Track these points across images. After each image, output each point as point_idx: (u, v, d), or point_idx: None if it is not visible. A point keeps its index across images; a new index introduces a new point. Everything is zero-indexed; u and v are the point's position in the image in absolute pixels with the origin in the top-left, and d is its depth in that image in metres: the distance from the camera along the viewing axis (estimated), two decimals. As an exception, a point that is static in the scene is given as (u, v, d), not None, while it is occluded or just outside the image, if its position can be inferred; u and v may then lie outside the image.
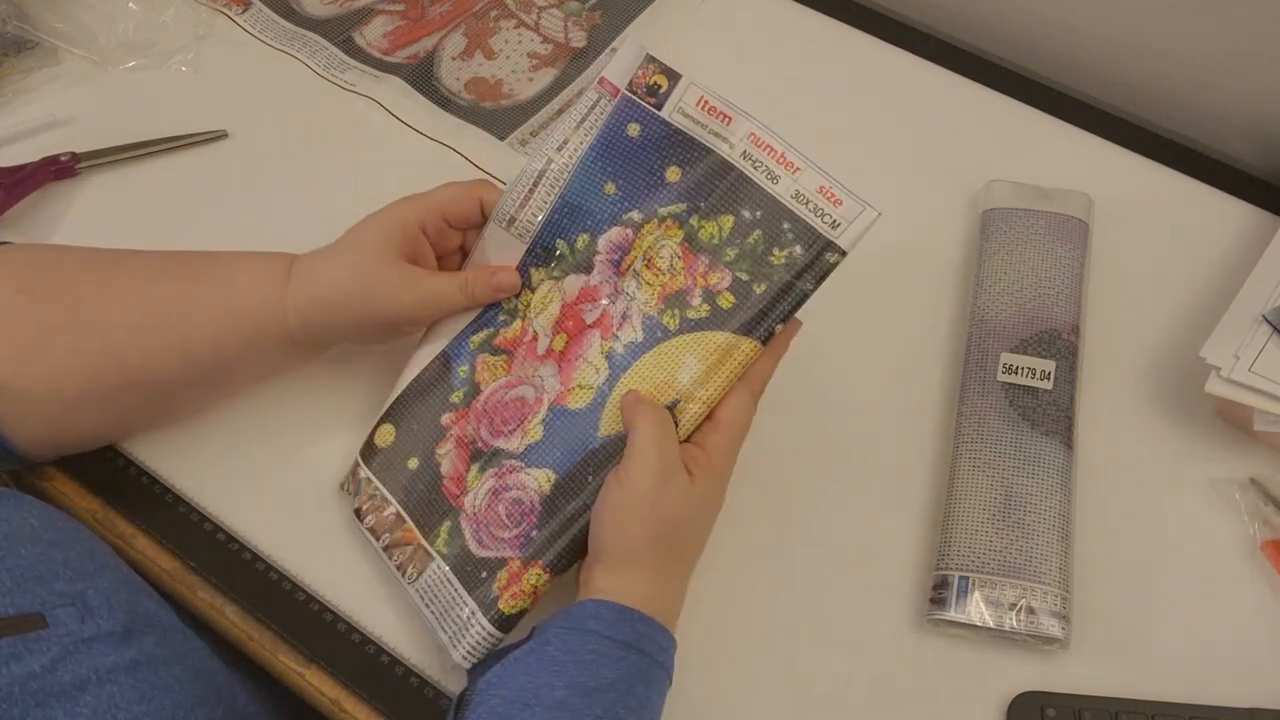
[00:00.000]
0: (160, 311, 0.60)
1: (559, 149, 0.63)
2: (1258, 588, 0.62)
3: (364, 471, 0.63)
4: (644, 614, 0.54)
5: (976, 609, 0.59)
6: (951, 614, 0.60)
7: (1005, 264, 0.71)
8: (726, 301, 0.59)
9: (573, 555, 0.58)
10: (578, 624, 0.53)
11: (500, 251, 0.64)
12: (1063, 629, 0.59)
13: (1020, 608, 0.59)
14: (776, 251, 0.58)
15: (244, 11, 0.88)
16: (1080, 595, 0.62)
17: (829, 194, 0.59)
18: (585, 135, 0.62)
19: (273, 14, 0.88)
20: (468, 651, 0.57)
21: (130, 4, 0.85)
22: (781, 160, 0.60)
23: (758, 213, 0.59)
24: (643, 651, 0.53)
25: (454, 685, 0.60)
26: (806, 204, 0.59)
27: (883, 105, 0.82)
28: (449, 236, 0.64)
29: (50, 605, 0.49)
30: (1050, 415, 0.65)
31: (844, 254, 0.58)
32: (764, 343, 0.58)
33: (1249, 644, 0.61)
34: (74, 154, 0.77)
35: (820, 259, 0.58)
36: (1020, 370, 0.66)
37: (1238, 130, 0.80)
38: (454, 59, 0.86)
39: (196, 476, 0.66)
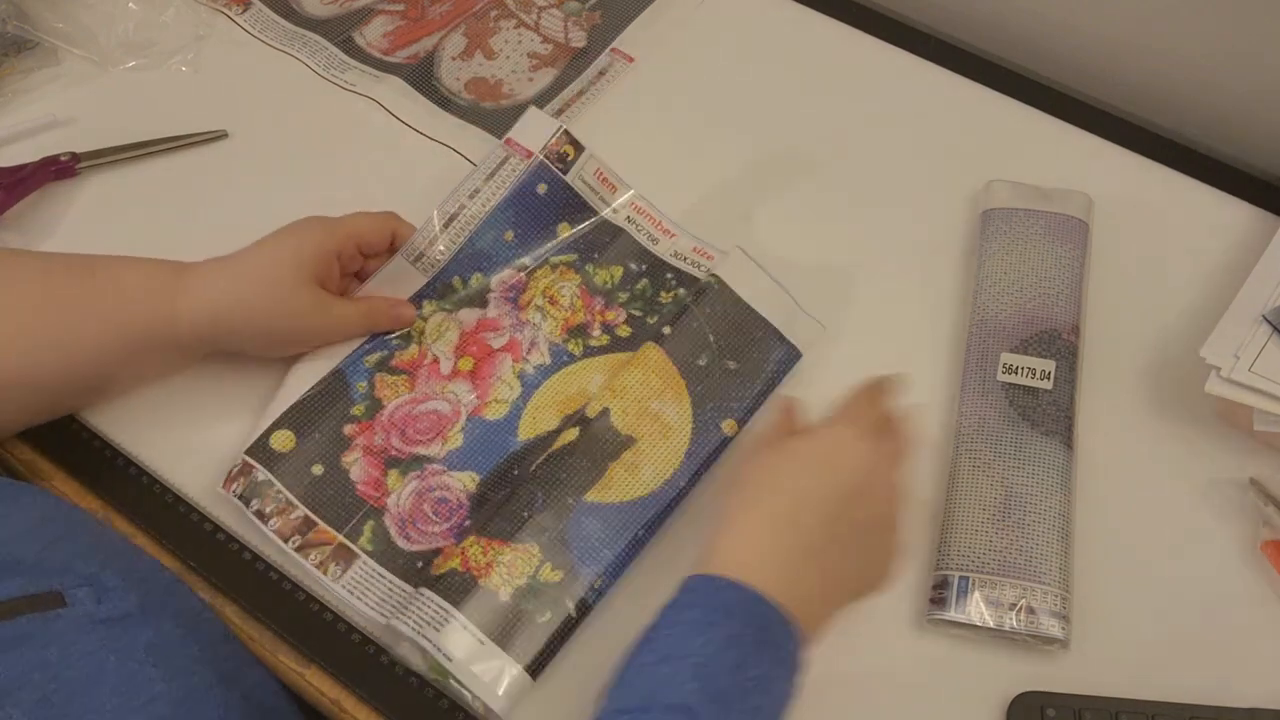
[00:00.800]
0: (44, 313, 0.61)
1: (471, 196, 0.71)
2: (1258, 588, 0.62)
3: (262, 474, 0.63)
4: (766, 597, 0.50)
5: (976, 609, 0.59)
6: (951, 614, 0.60)
7: (1005, 264, 0.71)
8: (624, 332, 0.69)
9: (505, 525, 0.61)
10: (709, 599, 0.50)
11: (400, 282, 0.70)
12: (1063, 629, 0.59)
13: (1020, 608, 0.59)
14: (664, 294, 0.71)
15: (244, 11, 0.88)
16: (1080, 595, 0.62)
17: (702, 252, 0.72)
18: (497, 188, 0.71)
19: (273, 14, 0.88)
20: (409, 620, 0.59)
21: (130, 4, 0.85)
22: (659, 226, 0.73)
23: (643, 265, 0.72)
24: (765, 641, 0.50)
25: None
26: (684, 259, 0.72)
27: (883, 105, 0.82)
28: (356, 262, 0.69)
29: (68, 585, 0.49)
30: (1050, 415, 0.65)
31: (717, 278, 0.68)
32: (659, 345, 0.66)
33: (1249, 644, 0.61)
34: (74, 154, 0.77)
35: (697, 285, 0.69)
36: (1020, 370, 0.66)
37: (1238, 130, 0.80)
38: (454, 59, 0.86)
39: (197, 476, 0.66)
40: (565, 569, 0.60)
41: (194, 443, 0.67)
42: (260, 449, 0.64)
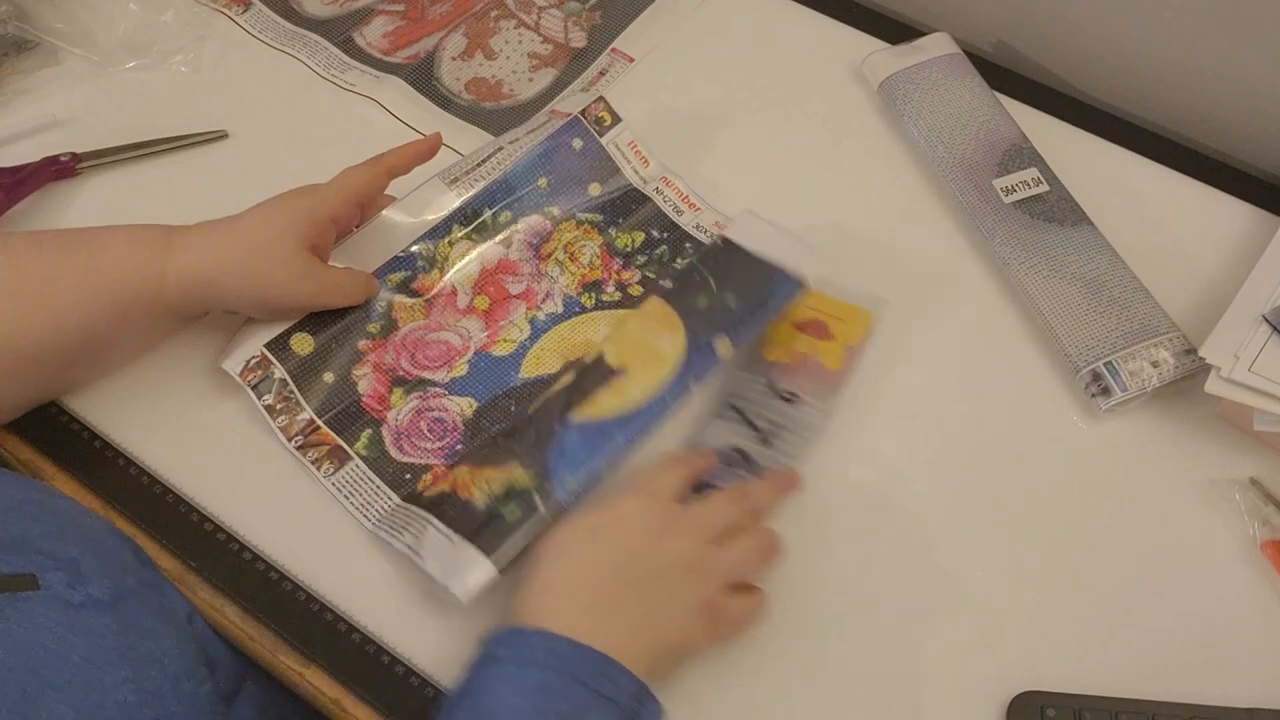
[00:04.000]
0: (30, 280, 0.61)
1: (511, 142, 0.75)
2: (1258, 588, 0.62)
3: (279, 371, 0.66)
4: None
5: (1135, 380, 0.66)
6: (1121, 395, 0.66)
7: (932, 115, 0.78)
8: (636, 291, 0.72)
9: (495, 455, 0.63)
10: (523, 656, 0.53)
11: (433, 201, 0.72)
12: (1195, 360, 0.66)
13: (1159, 362, 0.66)
14: (679, 260, 0.73)
15: (244, 12, 0.88)
16: (1080, 595, 0.62)
17: (723, 226, 0.73)
18: (534, 138, 0.75)
19: (273, 14, 0.88)
20: (391, 527, 0.62)
21: (131, 4, 0.85)
22: (685, 199, 0.76)
23: (665, 234, 0.74)
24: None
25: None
26: (704, 232, 0.74)
27: (884, 105, 0.82)
28: (355, 219, 0.70)
29: (42, 568, 0.49)
30: (1064, 208, 0.73)
31: (724, 238, 0.70)
32: (660, 296, 0.68)
33: (1249, 644, 0.61)
34: (74, 154, 0.77)
35: (710, 250, 0.70)
36: (1017, 187, 0.74)
37: (1238, 130, 0.80)
38: (454, 59, 0.86)
39: (197, 476, 0.66)
40: (540, 473, 0.61)
41: (195, 442, 0.67)
42: (279, 346, 0.66)
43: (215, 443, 0.67)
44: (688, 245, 0.73)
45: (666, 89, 0.84)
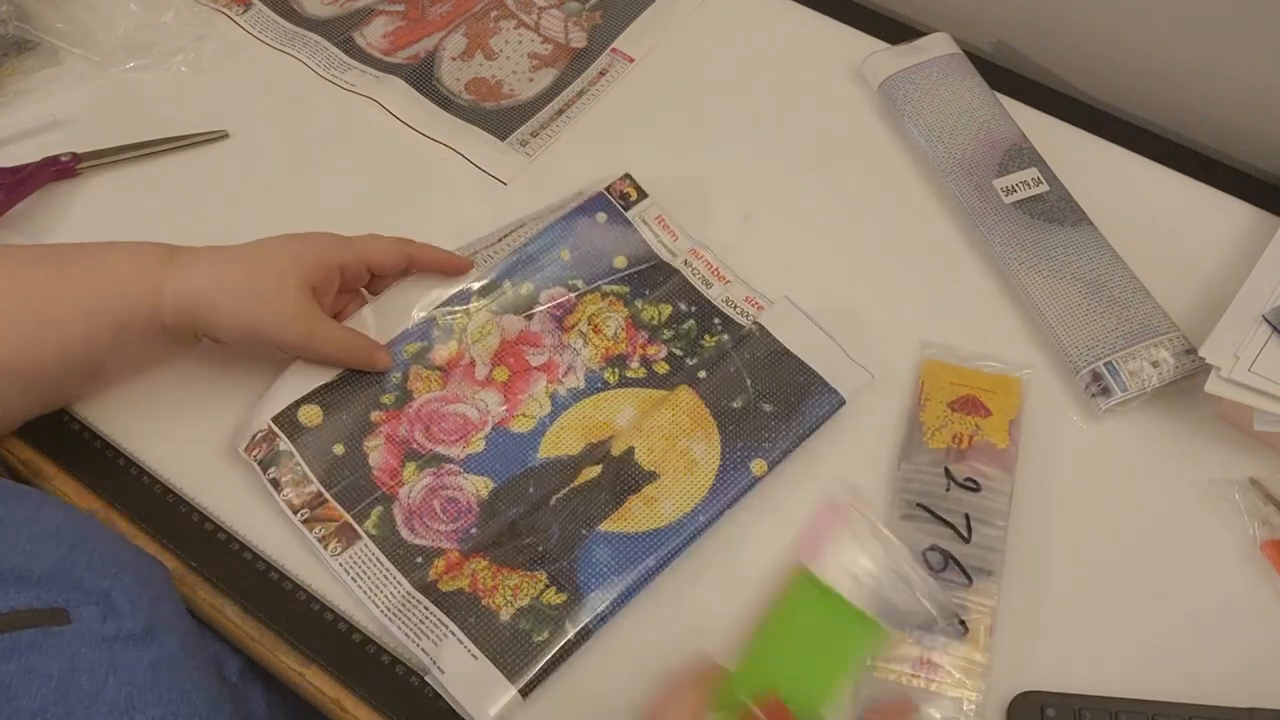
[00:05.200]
0: (30, 298, 0.60)
1: (535, 218, 0.74)
2: (1258, 588, 0.62)
3: (285, 444, 0.64)
4: None
5: (1135, 380, 0.66)
6: (1120, 395, 0.66)
7: (932, 115, 0.78)
8: (662, 368, 0.69)
9: (515, 555, 0.61)
10: None
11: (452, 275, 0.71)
12: (1195, 360, 0.66)
13: (1159, 362, 0.66)
14: (708, 337, 0.70)
15: (244, 12, 0.88)
16: (1080, 595, 0.62)
17: (753, 302, 0.72)
18: (557, 214, 0.74)
19: (273, 14, 0.88)
20: (405, 625, 0.59)
21: (131, 4, 0.85)
22: (715, 273, 0.73)
23: (693, 307, 0.71)
24: None
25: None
26: (734, 308, 0.72)
27: (884, 104, 0.82)
28: (362, 279, 0.68)
29: (74, 603, 0.49)
30: (1064, 208, 0.73)
31: (760, 325, 0.69)
32: (692, 388, 0.67)
33: (1249, 644, 0.61)
34: (74, 154, 0.77)
35: (740, 333, 0.70)
36: (1017, 187, 0.74)
37: (1238, 130, 0.80)
38: (454, 59, 0.86)
39: (197, 476, 0.66)
40: (570, 592, 0.60)
41: (195, 442, 0.67)
42: (287, 419, 0.65)
43: (217, 442, 0.67)
44: (716, 321, 0.71)
45: (666, 89, 0.84)
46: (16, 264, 0.62)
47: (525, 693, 0.58)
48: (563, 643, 0.59)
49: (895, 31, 0.86)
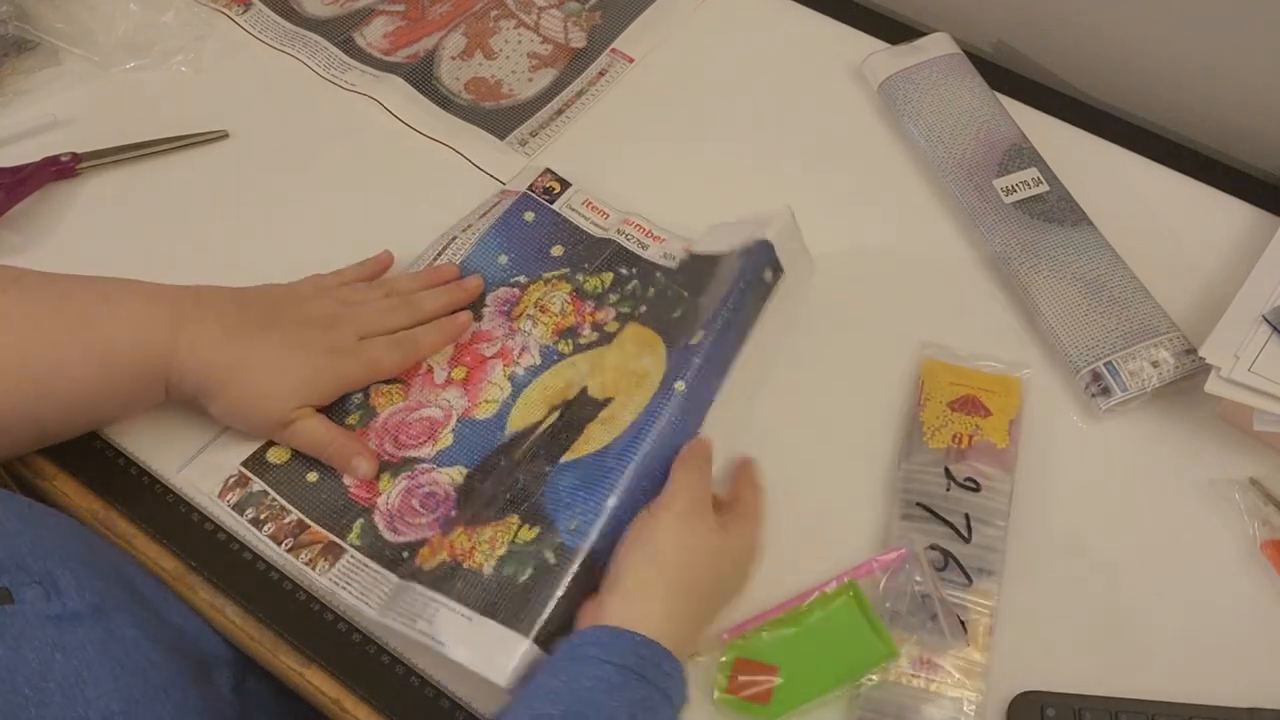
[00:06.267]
0: (36, 367, 0.59)
1: (465, 230, 0.74)
2: (1258, 588, 0.62)
3: (258, 484, 0.64)
4: (647, 638, 0.53)
5: (1135, 380, 0.66)
6: (1120, 395, 0.66)
7: (932, 115, 0.78)
8: (613, 327, 0.70)
9: (485, 510, 0.62)
10: (579, 651, 0.53)
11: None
12: (1195, 360, 0.65)
13: (1159, 362, 0.66)
14: (652, 290, 0.71)
15: (244, 12, 0.88)
16: (1080, 595, 0.62)
17: (689, 250, 0.72)
18: (487, 221, 0.75)
19: (273, 14, 0.88)
20: (399, 614, 0.59)
21: (131, 4, 0.85)
22: (649, 234, 0.74)
23: (633, 269, 0.73)
24: (643, 676, 0.52)
25: (454, 685, 0.59)
26: (674, 260, 0.73)
27: (884, 104, 0.82)
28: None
29: (19, 583, 0.49)
30: (1064, 208, 0.73)
31: (689, 253, 0.71)
32: (637, 321, 0.69)
33: (1249, 644, 0.61)
34: (74, 154, 0.77)
35: (680, 267, 0.71)
36: (1017, 187, 0.74)
37: (1238, 130, 0.80)
38: (454, 59, 0.86)
39: (197, 476, 0.66)
40: (542, 524, 0.60)
41: (195, 443, 0.66)
42: (256, 462, 0.65)
43: (217, 442, 0.66)
44: (657, 274, 0.72)
45: (666, 90, 0.84)
46: (22, 326, 0.60)
47: (542, 642, 0.56)
48: (548, 572, 0.57)
49: (895, 31, 0.86)
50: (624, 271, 0.73)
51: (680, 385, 0.63)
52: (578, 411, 0.65)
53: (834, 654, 0.59)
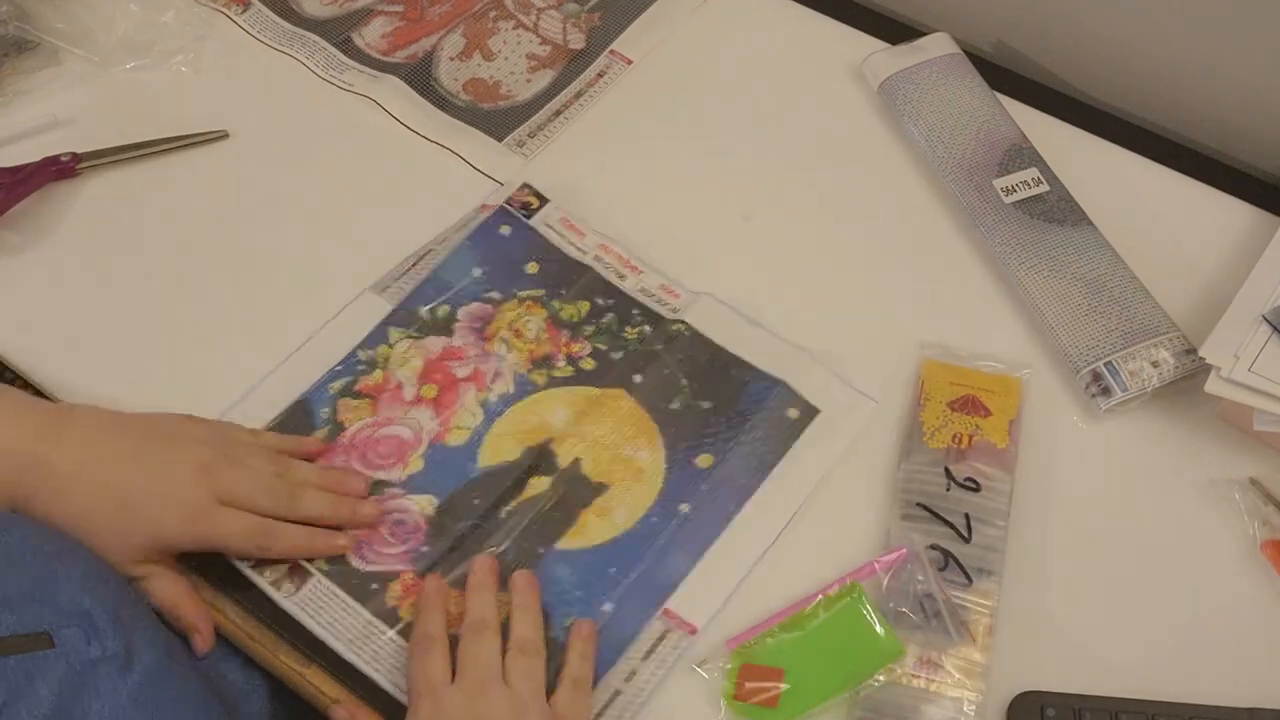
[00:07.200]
0: None
1: (440, 242, 0.74)
2: (1258, 588, 0.62)
3: None
4: None
5: (1135, 380, 0.65)
6: (1121, 395, 0.65)
7: (932, 115, 0.78)
8: (589, 364, 0.69)
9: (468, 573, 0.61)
10: None
11: (366, 311, 0.71)
12: (1195, 360, 0.65)
13: (1159, 362, 0.66)
14: (629, 330, 0.71)
15: (244, 12, 0.88)
16: (1080, 595, 0.62)
17: (669, 289, 0.72)
18: (462, 234, 0.74)
19: (272, 14, 0.88)
20: (373, 657, 0.59)
21: (131, 4, 0.85)
22: (627, 264, 0.73)
23: (610, 300, 0.72)
24: None
25: None
26: (651, 296, 0.72)
27: (883, 104, 0.82)
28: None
29: (57, 625, 0.48)
30: (1064, 208, 0.73)
31: (686, 324, 0.70)
32: (630, 393, 0.67)
33: (1249, 644, 0.61)
34: (74, 154, 0.77)
35: (665, 329, 0.70)
36: (1017, 187, 0.74)
37: (1238, 130, 0.80)
38: (452, 59, 0.86)
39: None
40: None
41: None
42: None
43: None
44: (635, 312, 0.71)
45: (665, 91, 0.84)
46: None
47: None
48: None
49: (895, 31, 0.86)
50: (600, 302, 0.72)
51: (685, 506, 0.64)
52: (573, 489, 0.65)
53: (840, 656, 0.59)
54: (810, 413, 0.67)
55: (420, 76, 0.84)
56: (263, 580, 0.61)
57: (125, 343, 0.71)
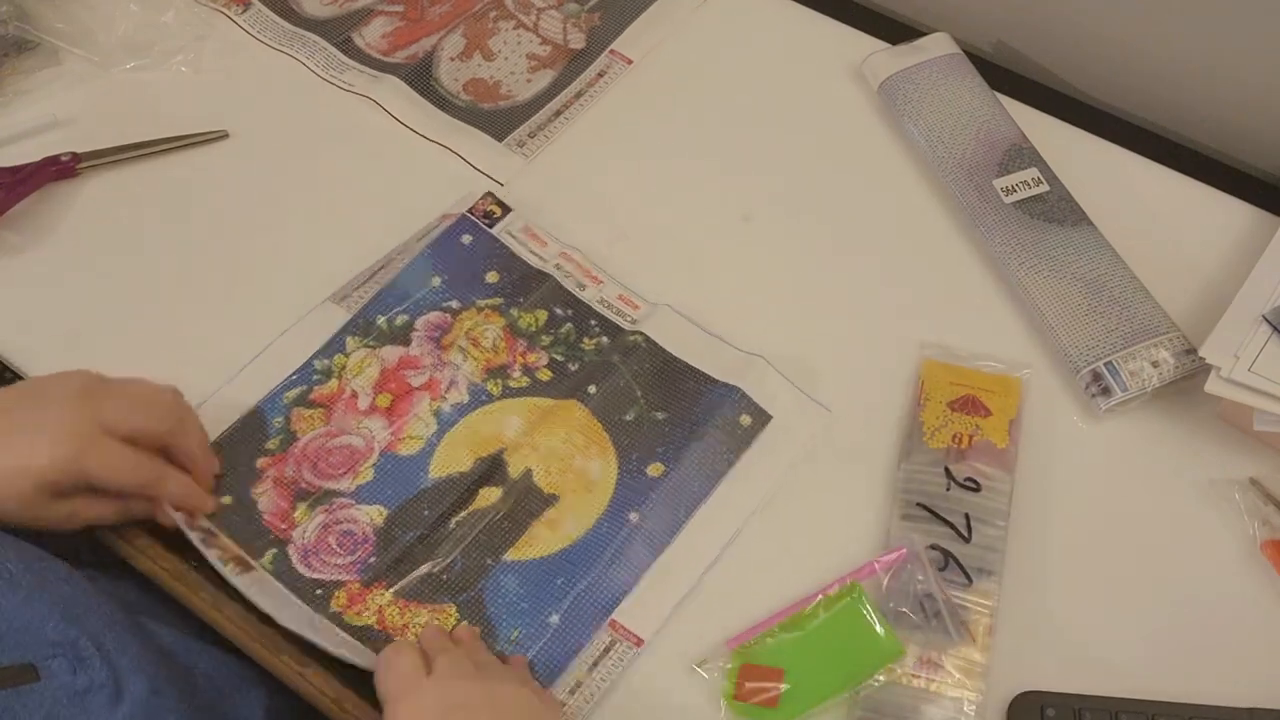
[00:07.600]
0: None
1: (400, 252, 0.73)
2: (1258, 588, 0.62)
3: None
4: None
5: (1135, 380, 0.65)
6: (1121, 395, 0.65)
7: (932, 115, 0.78)
8: (545, 375, 0.69)
9: (421, 587, 0.61)
10: None
11: (323, 320, 0.71)
12: (1195, 360, 0.65)
13: (1159, 362, 0.66)
14: (586, 341, 0.70)
15: (244, 12, 0.88)
16: (1080, 595, 0.62)
17: (628, 300, 0.72)
18: (423, 244, 0.74)
19: (272, 14, 0.88)
20: (324, 635, 0.59)
21: (131, 4, 0.85)
22: (588, 274, 0.73)
23: (569, 310, 0.71)
24: None
25: None
26: (609, 307, 0.72)
27: (884, 105, 0.82)
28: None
29: (42, 656, 0.48)
30: (1064, 208, 0.73)
31: (644, 335, 0.69)
32: (583, 404, 0.67)
33: (1249, 644, 0.61)
34: (74, 154, 0.77)
35: (623, 341, 0.70)
36: (1017, 187, 0.74)
37: (1238, 130, 0.80)
38: (453, 59, 0.86)
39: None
40: (481, 624, 0.60)
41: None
42: None
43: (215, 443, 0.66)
44: (592, 323, 0.71)
45: (665, 91, 0.84)
46: None
47: None
48: None
49: (895, 31, 0.86)
50: (559, 311, 0.71)
51: (634, 516, 0.64)
52: (523, 500, 0.64)
53: (840, 656, 0.59)
54: (763, 419, 0.67)
55: (420, 76, 0.84)
56: (209, 554, 0.61)
57: (125, 342, 0.71)
